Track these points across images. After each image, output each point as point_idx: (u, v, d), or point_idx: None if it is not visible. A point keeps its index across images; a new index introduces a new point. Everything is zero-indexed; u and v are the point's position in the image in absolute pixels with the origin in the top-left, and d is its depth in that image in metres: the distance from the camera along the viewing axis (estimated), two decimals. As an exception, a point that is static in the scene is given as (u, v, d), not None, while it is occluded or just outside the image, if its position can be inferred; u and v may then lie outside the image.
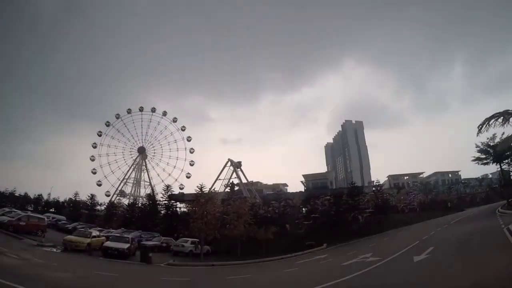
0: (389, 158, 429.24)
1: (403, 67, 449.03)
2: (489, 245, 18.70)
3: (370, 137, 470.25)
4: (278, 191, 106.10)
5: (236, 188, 77.09)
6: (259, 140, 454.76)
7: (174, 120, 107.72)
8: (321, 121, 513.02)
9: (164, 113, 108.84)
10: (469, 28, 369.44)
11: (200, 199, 40.20)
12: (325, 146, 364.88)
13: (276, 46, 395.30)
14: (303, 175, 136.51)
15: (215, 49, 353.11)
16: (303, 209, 69.64)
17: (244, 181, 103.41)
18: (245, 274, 23.37)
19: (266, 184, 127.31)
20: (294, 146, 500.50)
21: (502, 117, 42.56)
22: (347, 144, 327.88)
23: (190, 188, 58.73)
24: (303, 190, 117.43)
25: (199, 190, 41.65)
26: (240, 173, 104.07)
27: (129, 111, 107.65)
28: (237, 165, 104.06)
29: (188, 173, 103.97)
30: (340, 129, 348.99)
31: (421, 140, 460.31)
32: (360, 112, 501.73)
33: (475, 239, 23.51)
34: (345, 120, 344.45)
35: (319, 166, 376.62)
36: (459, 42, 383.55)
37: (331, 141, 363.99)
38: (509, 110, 42.23)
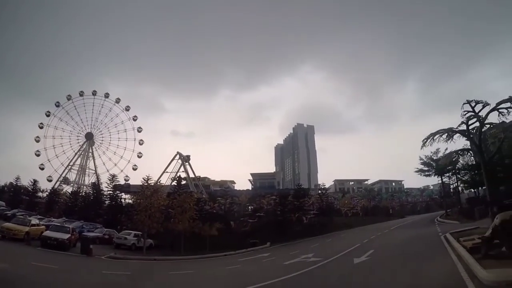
0: (337, 163, 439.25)
1: (359, 78, 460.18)
2: (426, 250, 19.63)
3: (321, 142, 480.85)
4: (225, 188, 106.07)
5: (184, 182, 76.20)
6: (211, 135, 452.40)
7: (127, 108, 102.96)
8: (275, 122, 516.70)
9: (117, 100, 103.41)
10: (427, 47, 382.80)
11: (146, 191, 39.56)
12: (275, 147, 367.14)
13: (236, 43, 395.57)
14: (251, 174, 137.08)
15: (175, 38, 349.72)
16: (249, 207, 69.99)
17: (191, 175, 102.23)
18: (187, 269, 23.14)
19: (214, 180, 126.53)
20: (245, 144, 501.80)
21: (446, 134, 44.79)
22: (297, 147, 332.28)
23: (137, 180, 57.75)
24: (250, 189, 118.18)
25: (145, 182, 41.03)
26: (188, 167, 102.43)
27: (81, 94, 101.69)
28: (185, 159, 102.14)
29: (135, 165, 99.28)
30: (292, 132, 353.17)
31: (369, 149, 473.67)
32: (313, 116, 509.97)
33: (414, 244, 24.59)
34: (297, 123, 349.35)
35: (268, 166, 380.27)
36: (416, 60, 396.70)
37: (282, 142, 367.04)
38: (453, 128, 44.41)
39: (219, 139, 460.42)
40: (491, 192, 43.06)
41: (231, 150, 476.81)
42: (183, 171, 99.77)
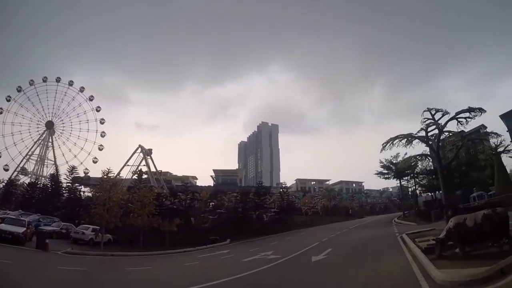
0: (300, 163, 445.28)
1: (326, 81, 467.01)
2: (383, 250, 20.08)
3: (285, 141, 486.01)
4: (187, 183, 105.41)
5: (145, 176, 75.07)
6: (175, 129, 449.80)
7: (91, 98, 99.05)
8: (240, 119, 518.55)
9: (81, 89, 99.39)
10: (393, 56, 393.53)
11: (104, 184, 38.78)
12: (239, 144, 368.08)
13: (205, 37, 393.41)
14: (214, 170, 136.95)
15: (143, 29, 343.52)
16: (211, 203, 69.69)
17: (153, 169, 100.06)
18: (145, 266, 22.85)
19: (175, 175, 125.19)
20: (209, 140, 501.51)
21: (405, 139, 46.03)
22: (261, 145, 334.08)
23: (97, 174, 56.53)
24: (212, 185, 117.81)
25: (105, 174, 40.26)
26: (149, 161, 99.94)
27: (44, 80, 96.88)
28: (147, 153, 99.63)
29: (95, 158, 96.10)
30: (256, 130, 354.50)
31: (333, 150, 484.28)
32: (279, 115, 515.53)
33: (371, 244, 25.08)
34: (262, 122, 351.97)
35: (231, 163, 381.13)
36: (382, 67, 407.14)
37: (246, 140, 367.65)
38: (412, 133, 45.67)
39: (184, 134, 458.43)
40: (446, 196, 44.48)
41: (195, 145, 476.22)
42: (144, 165, 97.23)
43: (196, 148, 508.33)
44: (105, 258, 29.35)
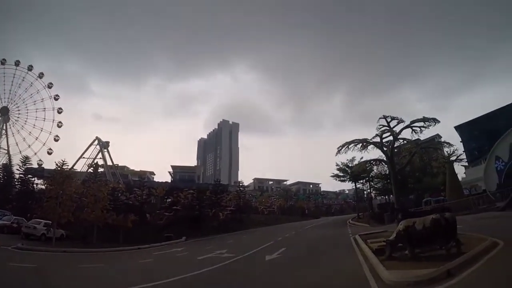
0: (259, 163, 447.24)
1: (290, 84, 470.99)
2: (335, 250, 20.51)
3: (245, 140, 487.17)
4: (144, 178, 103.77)
5: (101, 170, 73.37)
6: (135, 123, 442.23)
7: (49, 85, 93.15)
8: (201, 116, 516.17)
9: (40, 75, 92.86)
10: (356, 64, 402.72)
11: (58, 176, 37.68)
12: (198, 141, 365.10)
13: (170, 30, 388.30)
14: (172, 166, 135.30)
15: (108, 15, 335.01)
16: (167, 200, 68.94)
17: (109, 163, 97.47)
18: (98, 262, 22.43)
19: (133, 170, 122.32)
20: (169, 136, 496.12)
21: (361, 144, 47.26)
22: (220, 143, 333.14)
23: (52, 165, 54.90)
24: (169, 181, 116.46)
25: (59, 166, 39.14)
26: (106, 154, 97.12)
27: (3, 62, 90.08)
28: (104, 145, 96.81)
29: (50, 149, 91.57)
30: (217, 127, 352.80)
31: (292, 151, 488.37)
32: (241, 114, 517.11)
33: (325, 244, 25.52)
34: (223, 119, 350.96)
35: (190, 159, 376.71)
36: (345, 74, 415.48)
37: (206, 137, 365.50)
38: (367, 139, 46.93)
39: (144, 128, 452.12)
40: (398, 199, 45.88)
41: (155, 140, 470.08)
42: (100, 158, 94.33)
43: (156, 143, 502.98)
44: (56, 254, 28.53)
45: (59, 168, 38.66)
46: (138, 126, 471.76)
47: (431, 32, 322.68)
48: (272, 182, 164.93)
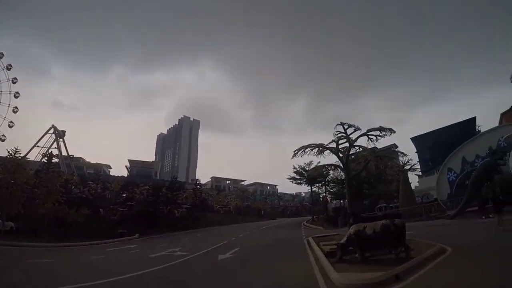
0: (218, 161, 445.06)
1: (254, 84, 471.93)
2: (288, 251, 20.57)
3: (205, 138, 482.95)
4: (100, 171, 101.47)
5: (55, 160, 71.14)
6: (95, 113, 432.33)
7: (8, 67, 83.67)
8: (163, 110, 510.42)
9: (0, 55, 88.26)
10: (320, 71, 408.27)
11: (9, 165, 36.37)
12: (158, 136, 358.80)
13: (137, 19, 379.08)
14: (129, 160, 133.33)
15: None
16: (123, 195, 67.76)
17: (64, 153, 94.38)
18: (49, 258, 21.74)
19: (88, 162, 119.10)
20: (129, 129, 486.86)
21: (317, 148, 47.99)
22: (180, 139, 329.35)
23: (3, 152, 52.59)
24: (126, 176, 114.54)
25: (11, 154, 37.79)
26: (62, 144, 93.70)
27: None
28: (60, 135, 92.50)
29: (3, 136, 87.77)
30: (177, 123, 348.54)
31: (252, 152, 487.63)
32: (203, 112, 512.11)
33: (278, 245, 25.67)
34: (184, 115, 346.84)
35: (148, 154, 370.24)
36: (309, 80, 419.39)
37: (166, 132, 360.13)
38: (324, 144, 47.74)
39: (103, 119, 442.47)
40: (351, 204, 46.65)
41: (113, 132, 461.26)
42: (55, 148, 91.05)
43: (114, 135, 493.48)
44: (5, 248, 27.57)
45: (11, 156, 37.36)
46: (98, 117, 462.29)
47: (396, 46, 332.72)
48: (229, 182, 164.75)
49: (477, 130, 77.30)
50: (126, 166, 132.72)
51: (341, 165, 52.57)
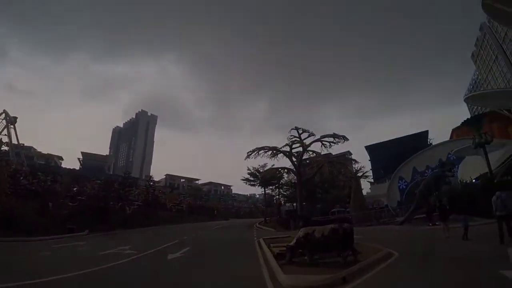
0: (174, 159, 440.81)
1: (217, 83, 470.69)
2: (238, 252, 20.65)
3: (162, 134, 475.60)
4: (51, 163, 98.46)
5: (5, 148, 68.26)
6: (51, 100, 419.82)
7: None
8: (120, 103, 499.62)
9: None
10: (282, 76, 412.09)
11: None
12: (113, 129, 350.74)
13: (100, 5, 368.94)
14: (82, 153, 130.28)
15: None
16: (74, 188, 65.89)
17: (15, 141, 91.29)
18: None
19: (40, 152, 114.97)
20: (84, 119, 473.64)
21: (271, 151, 48.63)
22: (136, 134, 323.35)
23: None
24: (78, 168, 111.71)
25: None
26: (12, 131, 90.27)
27: None
28: (11, 121, 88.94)
29: None
30: (134, 117, 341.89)
31: (208, 151, 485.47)
32: (161, 107, 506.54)
33: (229, 245, 25.76)
34: (141, 110, 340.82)
35: (103, 147, 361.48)
36: (271, 84, 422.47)
37: (122, 126, 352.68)
38: (277, 147, 48.39)
39: (59, 107, 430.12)
40: (302, 207, 47.40)
41: (68, 122, 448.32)
42: (5, 135, 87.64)
43: (69, 125, 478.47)
44: None
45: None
46: (53, 104, 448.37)
47: (356, 58, 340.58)
48: (183, 180, 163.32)
49: (429, 143, 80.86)
50: (78, 159, 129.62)
51: (294, 168, 53.59)
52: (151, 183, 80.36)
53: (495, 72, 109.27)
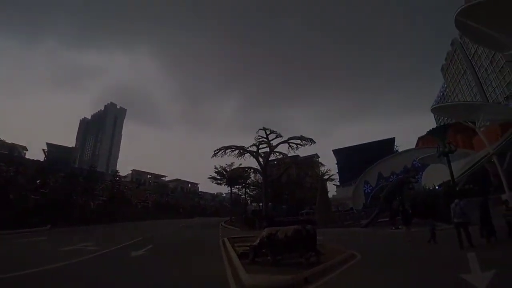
0: (142, 154, 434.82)
1: (187, 79, 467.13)
2: (202, 251, 20.69)
3: (131, 128, 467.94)
4: (14, 153, 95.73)
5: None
6: (17, 86, 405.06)
7: None
8: (90, 93, 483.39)
9: None
10: (253, 75, 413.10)
11: None
12: (81, 120, 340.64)
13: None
14: (47, 144, 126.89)
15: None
16: (37, 181, 64.31)
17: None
18: None
19: (3, 142, 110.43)
20: (51, 108, 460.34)
21: (238, 150, 48.88)
22: (104, 127, 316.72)
23: None
24: (42, 160, 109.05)
25: None
26: None
27: None
28: None
29: None
30: (102, 109, 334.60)
31: (177, 148, 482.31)
32: (131, 100, 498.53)
33: (194, 244, 25.81)
34: (111, 102, 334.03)
35: (69, 139, 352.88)
36: (243, 83, 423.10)
37: (90, 117, 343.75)
38: (244, 146, 48.66)
39: (26, 95, 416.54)
40: (267, 208, 47.70)
41: (34, 111, 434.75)
42: None
43: (36, 114, 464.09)
44: None
45: None
46: (19, 91, 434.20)
47: (327, 64, 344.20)
48: (150, 176, 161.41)
49: (395, 150, 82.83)
50: (43, 150, 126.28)
51: (260, 168, 53.93)
52: (117, 178, 79.30)
53: (462, 86, 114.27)
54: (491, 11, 29.75)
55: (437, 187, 45.21)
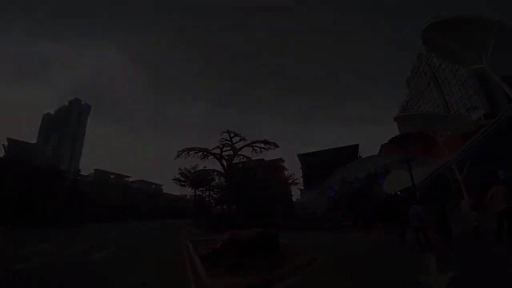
0: (106, 153, 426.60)
1: (155, 79, 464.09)
2: (165, 253, 20.50)
3: (96, 126, 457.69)
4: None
5: None
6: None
7: None
8: (54, 88, 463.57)
9: None
10: (221, 76, 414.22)
11: None
12: (44, 115, 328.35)
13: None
14: (8, 139, 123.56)
15: None
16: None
17: None
18: None
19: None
20: (13, 102, 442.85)
21: (202, 152, 49.02)
22: (67, 123, 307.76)
23: None
24: (1, 156, 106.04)
25: None
26: None
27: None
28: None
29: None
30: (67, 105, 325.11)
31: (142, 148, 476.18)
32: (97, 97, 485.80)
33: (156, 246, 25.62)
34: (75, 98, 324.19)
35: (31, 134, 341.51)
36: (211, 84, 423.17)
37: (53, 113, 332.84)
38: (208, 149, 48.90)
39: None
40: (230, 210, 47.87)
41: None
42: None
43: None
44: None
45: None
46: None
47: (294, 68, 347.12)
48: (113, 176, 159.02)
49: (358, 156, 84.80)
50: (3, 145, 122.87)
51: (223, 171, 54.20)
52: (79, 178, 77.90)
53: (426, 97, 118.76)
54: (455, 28, 30.64)
55: (398, 193, 46.36)
